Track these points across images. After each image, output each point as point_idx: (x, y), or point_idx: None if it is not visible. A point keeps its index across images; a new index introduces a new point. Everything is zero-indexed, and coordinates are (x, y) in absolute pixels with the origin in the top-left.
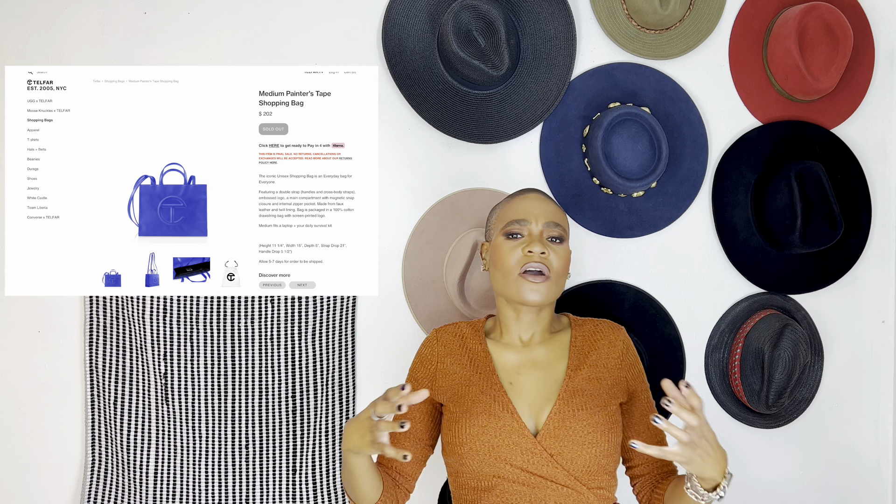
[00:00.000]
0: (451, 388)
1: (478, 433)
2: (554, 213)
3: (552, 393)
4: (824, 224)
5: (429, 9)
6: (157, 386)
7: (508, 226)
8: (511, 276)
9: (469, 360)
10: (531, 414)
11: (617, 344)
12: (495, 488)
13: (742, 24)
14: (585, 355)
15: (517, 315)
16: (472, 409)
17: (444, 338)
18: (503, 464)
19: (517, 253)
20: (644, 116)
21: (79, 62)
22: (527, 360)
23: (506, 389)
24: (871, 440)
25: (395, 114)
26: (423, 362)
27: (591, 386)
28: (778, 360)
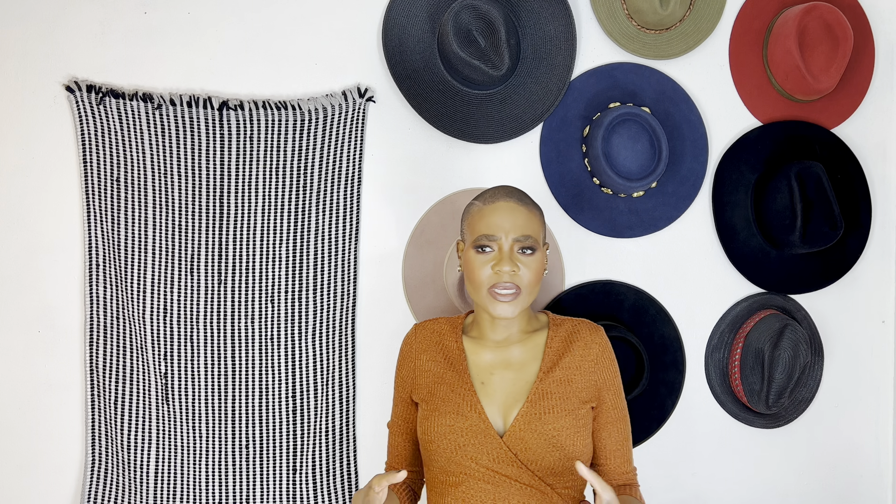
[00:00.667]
0: (425, 385)
1: (445, 432)
2: (525, 225)
3: (522, 394)
4: (824, 224)
5: (429, 9)
6: (157, 386)
7: (478, 240)
8: (482, 291)
9: (444, 358)
10: (500, 414)
11: (593, 346)
12: (462, 484)
13: (742, 24)
14: (559, 357)
15: (492, 319)
16: (442, 408)
17: (422, 334)
18: (470, 462)
19: (486, 270)
20: (644, 116)
21: (79, 62)
22: (501, 360)
23: (476, 389)
24: (871, 440)
25: (395, 114)
26: (404, 360)
27: (561, 389)
28: (778, 360)
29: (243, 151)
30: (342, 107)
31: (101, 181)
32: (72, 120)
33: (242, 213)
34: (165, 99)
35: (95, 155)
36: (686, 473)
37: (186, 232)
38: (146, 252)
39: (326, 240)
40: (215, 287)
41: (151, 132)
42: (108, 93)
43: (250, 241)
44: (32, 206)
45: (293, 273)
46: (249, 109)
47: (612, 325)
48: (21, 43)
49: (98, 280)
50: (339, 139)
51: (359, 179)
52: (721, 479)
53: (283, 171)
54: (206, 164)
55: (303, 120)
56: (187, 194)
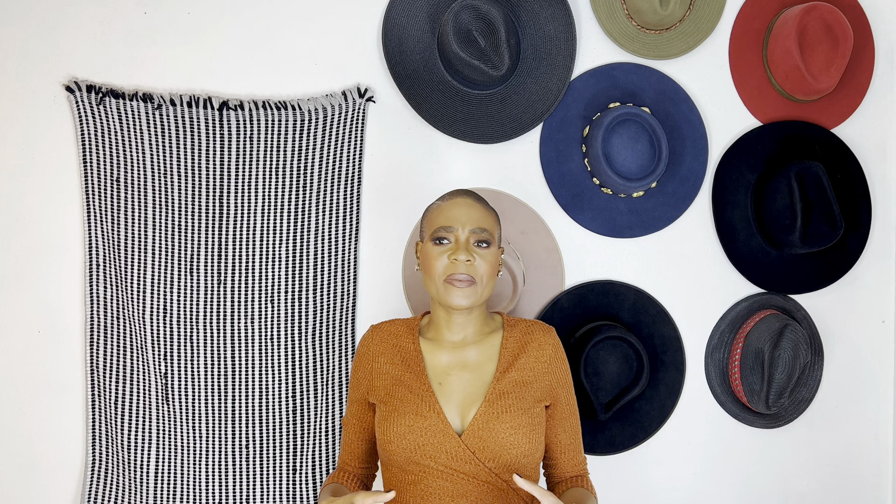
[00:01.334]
0: (383, 387)
1: (405, 432)
2: (481, 219)
3: (479, 394)
4: (824, 224)
5: (429, 9)
6: (157, 386)
7: (436, 232)
8: (438, 282)
9: (401, 360)
10: (458, 414)
11: (546, 348)
12: (420, 482)
13: (742, 24)
14: (515, 357)
15: (448, 316)
16: (401, 409)
17: (378, 336)
18: (428, 460)
19: (443, 260)
20: (644, 116)
21: (79, 62)
22: (457, 361)
23: (434, 390)
24: (871, 440)
25: (395, 114)
26: (361, 361)
27: (517, 389)
28: (778, 360)
29: (243, 151)
30: (342, 107)
31: (101, 181)
32: (72, 120)
33: (242, 213)
34: (165, 99)
35: (95, 155)
36: (686, 473)
37: (186, 232)
38: (146, 252)
39: (326, 240)
40: (215, 287)
41: (151, 132)
42: (108, 93)
43: (250, 241)
44: (32, 206)
45: (293, 273)
46: (249, 109)
47: (612, 325)
48: (21, 43)
49: (98, 280)
50: (339, 139)
51: (359, 179)
52: (721, 479)
53: (283, 171)
54: (206, 165)
55: (303, 120)
56: (187, 194)
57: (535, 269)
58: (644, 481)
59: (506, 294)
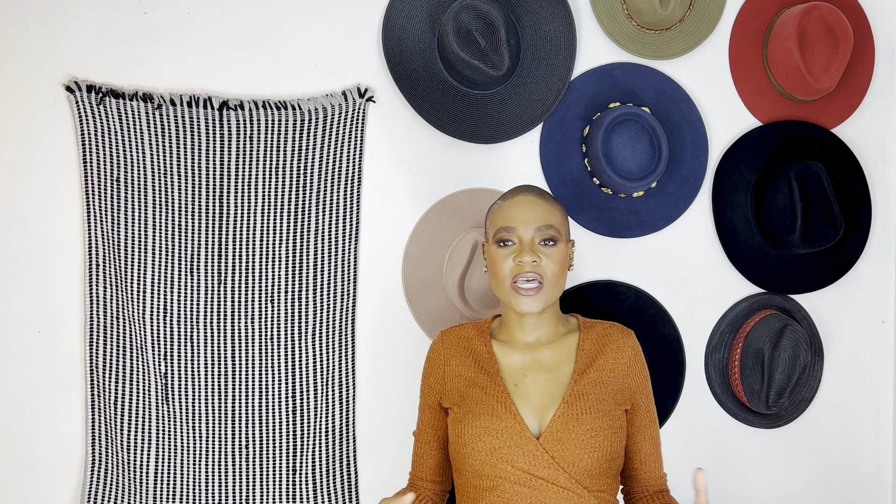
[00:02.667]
0: (456, 390)
1: (480, 434)
2: (545, 216)
3: (557, 396)
4: (824, 224)
5: (429, 9)
6: (157, 386)
7: (499, 233)
8: (505, 286)
9: (474, 362)
10: (535, 416)
11: (625, 350)
12: (497, 488)
13: (742, 24)
14: (593, 359)
15: (520, 318)
16: (476, 410)
17: (449, 340)
18: (505, 465)
19: (509, 262)
20: (644, 116)
21: (79, 62)
22: (532, 363)
23: (510, 391)
24: (871, 440)
25: (395, 114)
26: (432, 367)
27: (596, 390)
28: (778, 360)
29: (243, 151)
30: (342, 107)
31: (101, 181)
32: (72, 120)
33: (242, 213)
34: (165, 99)
35: (95, 155)
36: (686, 473)
37: (186, 232)
38: (146, 252)
39: (326, 240)
40: (215, 287)
41: (151, 132)
42: (108, 93)
43: (250, 241)
44: (32, 206)
45: (293, 273)
46: (249, 109)
47: None
48: (21, 43)
49: (98, 280)
50: (339, 139)
51: (359, 179)
52: (721, 479)
53: (283, 171)
54: (206, 164)
55: (303, 120)
56: (187, 194)
57: None
58: None
59: None
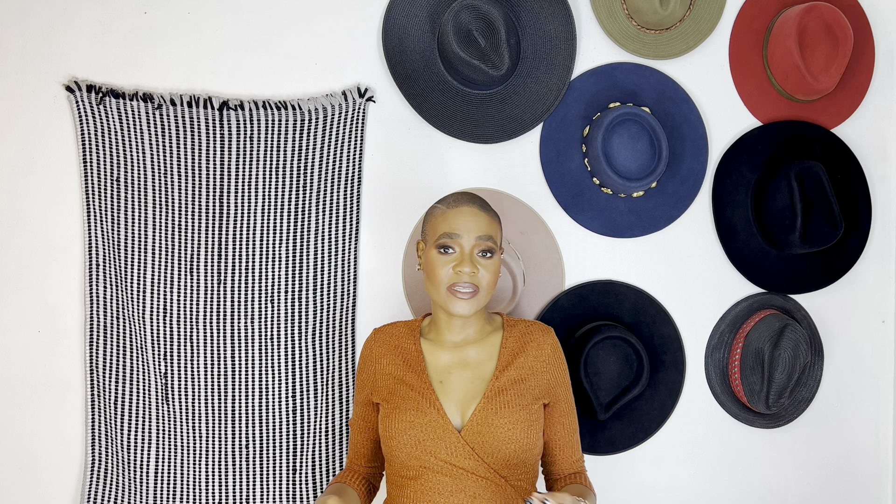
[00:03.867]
0: (386, 387)
1: (406, 428)
2: (486, 227)
3: (479, 392)
4: (824, 224)
5: (429, 9)
6: (157, 386)
7: (440, 239)
8: (441, 290)
9: (403, 360)
10: (458, 411)
11: (545, 347)
12: (421, 477)
13: (742, 24)
14: (514, 356)
15: (449, 318)
16: (402, 406)
17: (381, 338)
18: (429, 456)
19: (447, 270)
20: (644, 116)
21: (79, 62)
22: (458, 360)
23: (435, 388)
24: (871, 440)
25: (395, 114)
26: (364, 363)
27: (515, 386)
28: (778, 360)
29: (243, 151)
30: (342, 107)
31: (101, 181)
32: (72, 120)
33: (242, 213)
34: (165, 99)
35: (95, 155)
36: (686, 473)
37: (186, 232)
38: (146, 252)
39: (326, 240)
40: (215, 287)
41: (151, 132)
42: (108, 93)
43: (250, 241)
44: (32, 206)
45: (293, 273)
46: (249, 109)
47: (613, 325)
48: (21, 43)
49: (98, 280)
50: (339, 139)
51: (359, 179)
52: (721, 479)
53: (283, 171)
54: (206, 164)
55: (303, 120)
56: (187, 194)
57: (535, 269)
58: (644, 481)
59: (506, 294)
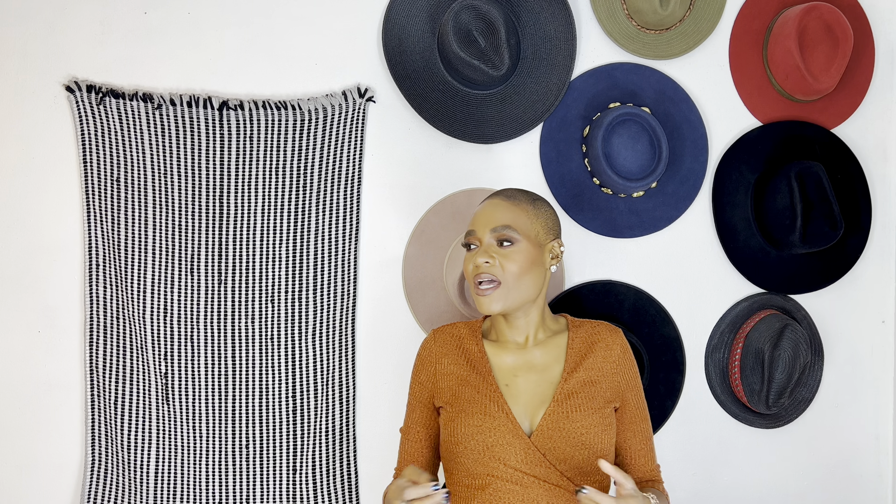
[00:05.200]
0: (448, 388)
1: (473, 433)
2: (502, 217)
3: (547, 395)
4: (824, 224)
5: (429, 9)
6: (157, 386)
7: (465, 237)
8: (472, 289)
9: (466, 361)
10: (526, 415)
11: (614, 348)
12: (489, 486)
13: (742, 24)
14: (582, 358)
15: (506, 319)
16: (468, 409)
17: (441, 338)
18: (497, 463)
19: (470, 265)
20: (644, 116)
21: (79, 62)
22: (523, 363)
23: (502, 391)
24: (871, 440)
25: (395, 114)
26: (423, 364)
27: (586, 389)
28: (778, 360)
29: (243, 151)
30: (342, 107)
31: (101, 181)
32: (72, 120)
33: (242, 213)
34: (165, 99)
35: (95, 155)
36: (686, 473)
37: (186, 232)
38: (146, 252)
39: (326, 240)
40: (215, 287)
41: (151, 132)
42: (108, 93)
43: (250, 241)
44: (32, 206)
45: (293, 273)
46: (249, 109)
47: None
48: (21, 43)
49: (98, 280)
50: (339, 139)
51: (359, 179)
52: (721, 479)
53: (283, 171)
54: (206, 164)
55: (303, 120)
56: (187, 194)
57: None
58: None
59: None
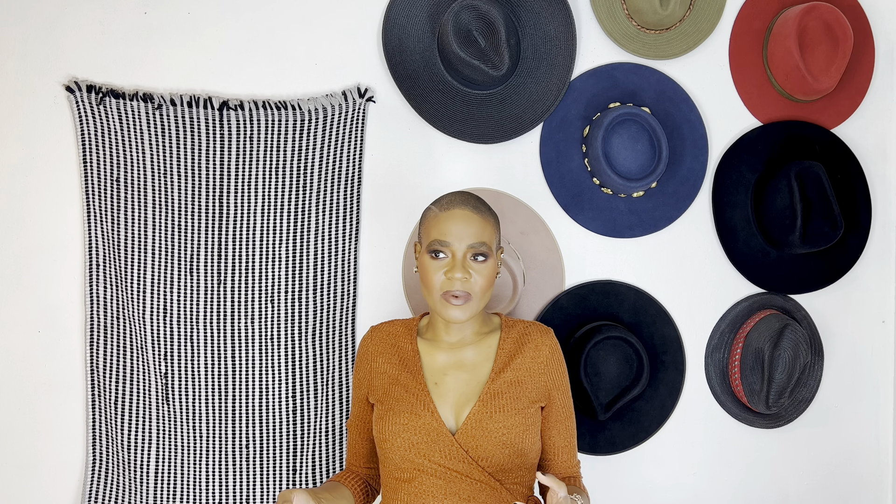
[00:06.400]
0: (381, 387)
1: (399, 430)
2: (478, 232)
3: (474, 394)
4: (824, 224)
5: (429, 9)
6: (157, 386)
7: (432, 244)
8: (435, 296)
9: (399, 360)
10: (453, 413)
11: (542, 349)
12: (414, 480)
13: (742, 24)
14: (511, 358)
15: (445, 321)
16: (396, 408)
17: (377, 336)
18: (422, 459)
19: (440, 276)
20: (644, 116)
21: (79, 62)
22: (454, 361)
23: (430, 389)
24: (871, 440)
25: (395, 114)
26: (360, 362)
27: (511, 389)
28: (778, 360)
29: (243, 151)
30: (342, 107)
31: (101, 181)
32: (72, 120)
33: (242, 213)
34: (165, 99)
35: (95, 155)
36: (686, 473)
37: (186, 232)
38: (146, 252)
39: (326, 240)
40: (215, 287)
41: (151, 132)
42: (108, 93)
43: (250, 241)
44: (32, 206)
45: (293, 273)
46: (249, 109)
47: (613, 325)
48: (21, 43)
49: (98, 280)
50: (339, 139)
51: (359, 179)
52: (721, 479)
53: (283, 171)
54: (206, 164)
55: (303, 120)
56: (187, 194)
57: (535, 269)
58: (644, 481)
59: (506, 294)
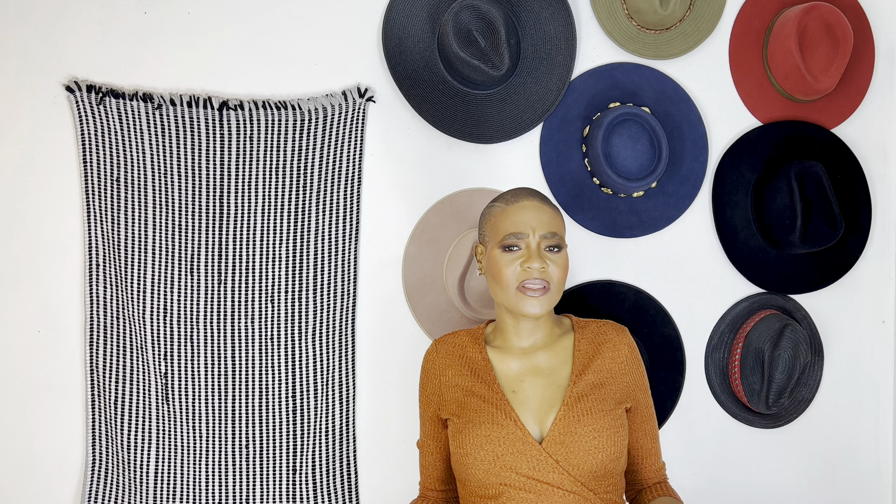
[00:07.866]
0: (454, 400)
1: (482, 443)
2: (550, 221)
3: (556, 399)
4: (824, 224)
5: (429, 9)
6: (157, 386)
7: (505, 239)
8: (510, 290)
9: (470, 371)
10: (536, 421)
11: (622, 348)
12: (501, 496)
13: (742, 24)
14: (590, 360)
15: (516, 322)
16: (475, 420)
17: (443, 349)
18: (509, 472)
19: (515, 267)
20: (644, 116)
21: (79, 62)
22: (529, 367)
23: (508, 398)
24: (871, 440)
25: (395, 114)
26: (427, 377)
27: (595, 391)
28: (778, 360)
29: (243, 151)
30: (342, 107)
31: (101, 181)
32: (72, 120)
33: (242, 213)
34: (165, 99)
35: (95, 155)
36: (686, 473)
37: (186, 232)
38: (146, 252)
39: (326, 240)
40: (215, 287)
41: (151, 132)
42: (108, 93)
43: (250, 241)
44: (32, 206)
45: (293, 273)
46: (249, 109)
47: None
48: (21, 43)
49: (98, 280)
50: (339, 139)
51: (359, 179)
52: (721, 479)
53: (283, 171)
54: (206, 164)
55: (303, 120)
56: (187, 194)
57: None
58: None
59: None
